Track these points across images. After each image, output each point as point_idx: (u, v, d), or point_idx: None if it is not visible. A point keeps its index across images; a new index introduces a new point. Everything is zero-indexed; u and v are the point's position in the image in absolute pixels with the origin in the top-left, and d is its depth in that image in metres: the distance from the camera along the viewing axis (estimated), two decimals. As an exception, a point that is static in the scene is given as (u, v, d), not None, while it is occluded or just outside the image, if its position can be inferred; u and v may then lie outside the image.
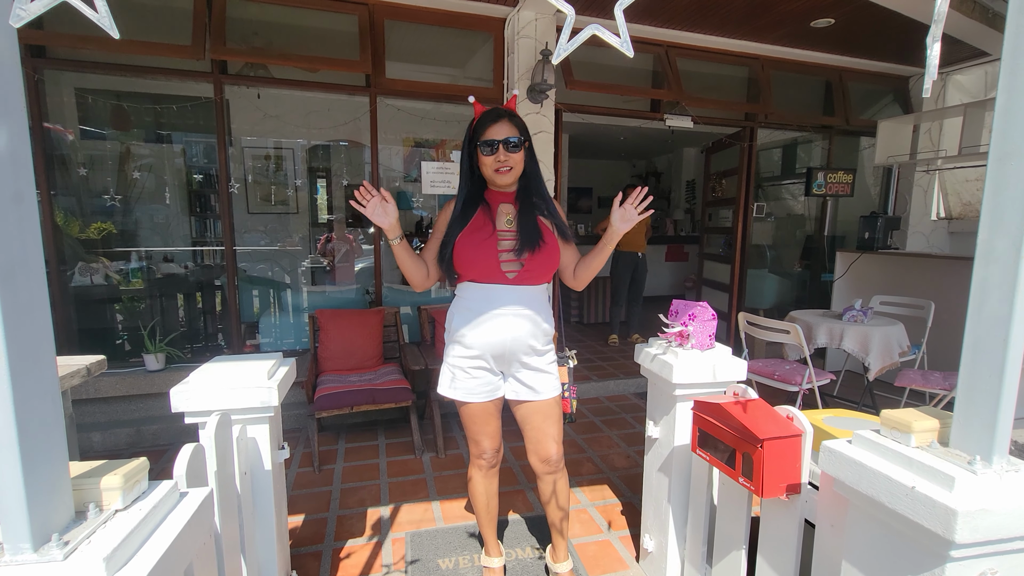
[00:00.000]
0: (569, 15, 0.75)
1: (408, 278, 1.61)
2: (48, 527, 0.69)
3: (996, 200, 0.83)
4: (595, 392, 3.97)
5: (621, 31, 0.74)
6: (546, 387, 1.64)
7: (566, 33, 0.75)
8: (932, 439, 0.94)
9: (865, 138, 5.03)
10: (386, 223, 1.48)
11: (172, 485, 0.87)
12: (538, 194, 1.62)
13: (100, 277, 3.48)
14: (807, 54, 4.43)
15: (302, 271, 4.46)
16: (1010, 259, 0.81)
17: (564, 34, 0.76)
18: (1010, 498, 0.80)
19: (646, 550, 1.92)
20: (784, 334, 2.88)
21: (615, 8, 0.74)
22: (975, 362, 0.87)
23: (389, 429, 3.30)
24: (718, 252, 5.34)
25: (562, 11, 0.74)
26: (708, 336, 1.68)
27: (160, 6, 3.23)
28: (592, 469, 2.76)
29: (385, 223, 1.48)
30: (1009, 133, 0.81)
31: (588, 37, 0.76)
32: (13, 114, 0.68)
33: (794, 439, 1.23)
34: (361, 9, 3.41)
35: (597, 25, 0.73)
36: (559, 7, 0.75)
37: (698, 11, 3.67)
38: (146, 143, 3.73)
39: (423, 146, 4.29)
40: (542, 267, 1.57)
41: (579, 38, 0.76)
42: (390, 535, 2.17)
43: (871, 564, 0.96)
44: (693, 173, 8.60)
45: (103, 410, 3.22)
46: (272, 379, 1.49)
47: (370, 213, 1.46)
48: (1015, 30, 0.80)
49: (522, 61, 3.53)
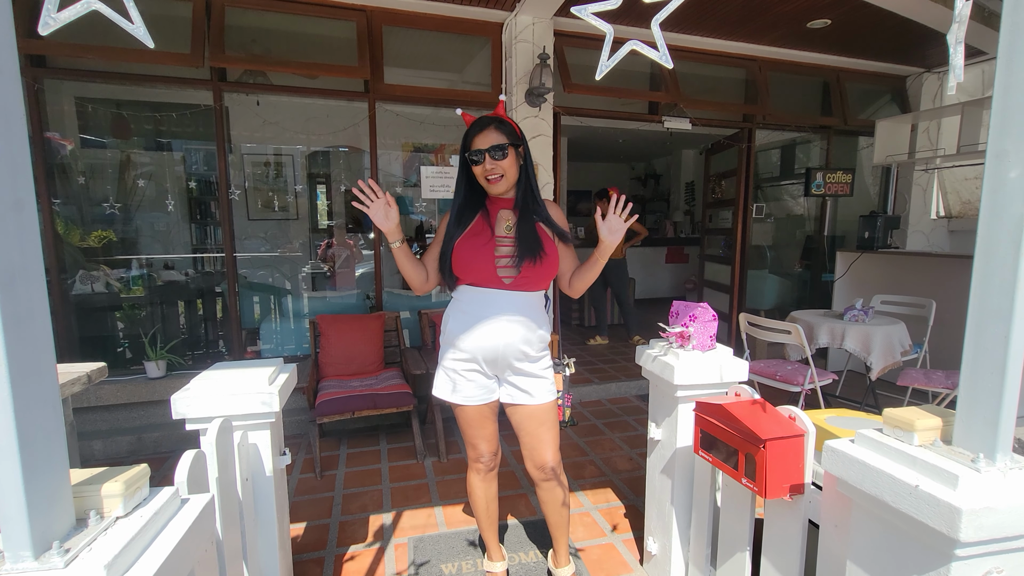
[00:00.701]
0: (608, 33, 0.76)
1: (408, 281, 1.63)
2: (49, 535, 0.69)
3: (994, 197, 0.83)
4: (597, 394, 3.96)
5: (660, 45, 0.75)
6: (540, 391, 1.64)
7: (606, 51, 0.77)
8: (935, 437, 0.93)
9: (863, 138, 5.04)
10: (388, 226, 1.50)
11: (173, 492, 0.87)
12: (535, 201, 1.62)
13: (101, 285, 3.49)
14: (804, 55, 4.44)
15: (302, 277, 4.47)
16: (1009, 255, 0.81)
17: (605, 51, 0.78)
18: (1014, 496, 0.80)
19: (650, 553, 1.91)
20: (785, 334, 2.87)
21: (651, 23, 0.75)
22: (977, 359, 0.87)
23: (391, 434, 3.29)
24: (718, 253, 5.34)
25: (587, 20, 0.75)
26: (709, 337, 1.67)
27: (159, 14, 3.25)
28: (595, 472, 2.75)
29: (387, 226, 1.50)
30: (1006, 130, 0.81)
31: (628, 52, 0.77)
32: (13, 122, 0.68)
33: (797, 439, 1.23)
34: (359, 15, 3.42)
35: (637, 41, 0.75)
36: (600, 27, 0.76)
37: (695, 14, 3.68)
38: (146, 151, 3.75)
39: (422, 151, 4.30)
40: (539, 275, 1.57)
41: (619, 54, 0.78)
42: (393, 541, 2.17)
43: (876, 564, 0.96)
44: (692, 175, 8.61)
45: (104, 418, 3.22)
46: (273, 385, 1.49)
47: (373, 215, 1.48)
48: (1010, 28, 0.81)
49: (520, 65, 3.54)
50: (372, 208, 1.48)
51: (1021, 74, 0.79)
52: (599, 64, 0.78)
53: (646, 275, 7.97)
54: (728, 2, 3.50)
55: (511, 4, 3.44)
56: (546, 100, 3.60)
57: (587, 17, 0.73)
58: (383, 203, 1.48)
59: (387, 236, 1.52)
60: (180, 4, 3.15)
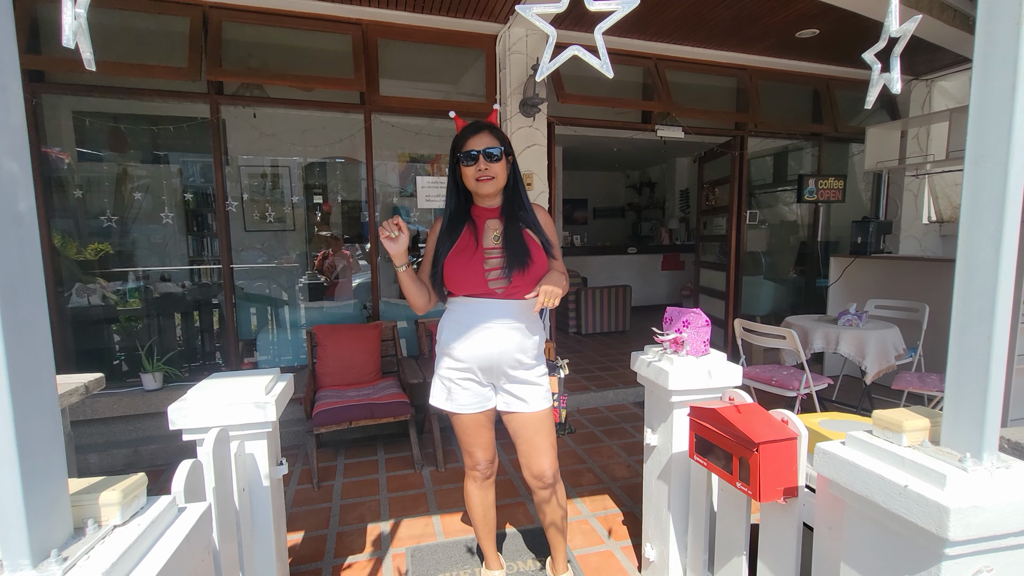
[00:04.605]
0: (551, 36, 0.78)
1: (411, 304, 1.63)
2: (47, 543, 0.69)
3: (974, 201, 0.85)
4: (594, 402, 3.96)
5: (601, 53, 0.77)
6: (536, 399, 1.64)
7: (547, 53, 0.78)
8: (923, 438, 0.95)
9: (854, 144, 5.10)
10: (395, 249, 1.51)
11: (170, 500, 0.88)
12: (523, 208, 1.64)
13: (97, 298, 3.49)
14: (794, 64, 4.51)
15: (299, 287, 4.47)
16: (990, 258, 0.83)
17: (546, 54, 0.79)
18: (1002, 494, 0.81)
19: (648, 559, 1.91)
20: (780, 340, 2.89)
21: (595, 32, 0.77)
22: (961, 360, 0.88)
23: (388, 444, 3.29)
24: (714, 260, 5.37)
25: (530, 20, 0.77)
26: (703, 342, 1.69)
27: (156, 29, 3.29)
28: (593, 479, 2.75)
29: (394, 249, 1.51)
30: (983, 136, 0.84)
31: (569, 57, 0.79)
32: (15, 137, 0.70)
33: (789, 442, 1.24)
34: (354, 28, 3.47)
35: (578, 47, 0.77)
36: (542, 28, 0.77)
37: (686, 24, 3.74)
38: (143, 164, 3.76)
39: (418, 161, 4.33)
40: (530, 282, 1.58)
41: (560, 58, 0.79)
42: (390, 551, 2.16)
43: (869, 565, 0.96)
44: (687, 182, 8.68)
45: (100, 431, 3.21)
46: (269, 394, 1.50)
47: (383, 238, 1.49)
48: (984, 36, 0.83)
49: (514, 76, 3.58)
50: (398, 242, 1.50)
51: (996, 81, 0.82)
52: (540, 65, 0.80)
53: (642, 282, 8.01)
54: (719, 13, 3.56)
55: (504, 17, 3.49)
56: (540, 110, 3.64)
57: (531, 17, 0.75)
58: (406, 239, 1.51)
59: (393, 259, 1.54)
60: (177, 19, 3.19)
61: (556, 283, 1.45)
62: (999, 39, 0.81)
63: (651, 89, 4.15)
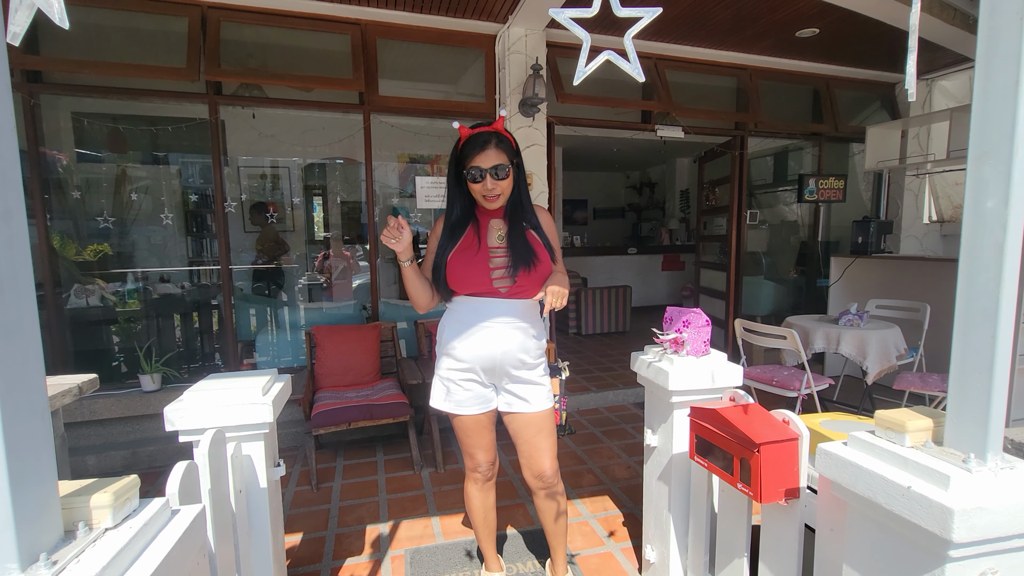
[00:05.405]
0: (585, 40, 0.78)
1: (413, 300, 1.61)
2: (36, 547, 0.68)
3: (977, 199, 0.84)
4: (594, 403, 3.95)
5: (631, 57, 0.77)
6: (538, 399, 1.63)
7: (583, 58, 0.79)
8: (927, 438, 0.94)
9: (855, 144, 5.09)
10: (399, 246, 1.50)
11: (163, 503, 0.86)
12: (527, 207, 1.62)
13: (96, 299, 3.48)
14: (794, 63, 4.50)
15: (299, 288, 4.46)
16: (993, 256, 0.82)
17: (582, 59, 0.80)
18: (1007, 495, 0.80)
19: (648, 561, 1.89)
20: (781, 340, 2.88)
21: (625, 37, 0.77)
22: (965, 360, 0.87)
23: (387, 445, 3.27)
24: (714, 260, 5.36)
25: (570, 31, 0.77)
26: (703, 342, 1.68)
27: (155, 29, 3.28)
28: (593, 480, 2.74)
29: (398, 246, 1.50)
30: (986, 133, 0.83)
31: (603, 62, 0.79)
32: (3, 133, 0.69)
33: (791, 443, 1.23)
34: (353, 29, 3.46)
35: (610, 51, 0.77)
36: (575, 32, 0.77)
37: (686, 24, 3.73)
38: (142, 164, 3.76)
39: (418, 162, 4.33)
40: (535, 282, 1.57)
41: (595, 62, 0.79)
42: (389, 552, 2.15)
43: (872, 567, 0.95)
44: (687, 182, 8.67)
45: (98, 432, 3.19)
46: (267, 396, 1.49)
47: (385, 238, 1.48)
48: (987, 34, 0.82)
49: (513, 76, 3.58)
50: (401, 240, 1.48)
51: (998, 78, 0.81)
52: (576, 70, 0.80)
53: (643, 283, 7.99)
54: (719, 12, 3.55)
55: (503, 16, 3.48)
56: (540, 110, 3.63)
57: (564, 21, 0.75)
58: (408, 236, 1.50)
59: (399, 256, 1.52)
60: (176, 19, 3.18)
61: (561, 285, 1.45)
62: (1002, 34, 0.80)
63: (651, 89, 4.14)
